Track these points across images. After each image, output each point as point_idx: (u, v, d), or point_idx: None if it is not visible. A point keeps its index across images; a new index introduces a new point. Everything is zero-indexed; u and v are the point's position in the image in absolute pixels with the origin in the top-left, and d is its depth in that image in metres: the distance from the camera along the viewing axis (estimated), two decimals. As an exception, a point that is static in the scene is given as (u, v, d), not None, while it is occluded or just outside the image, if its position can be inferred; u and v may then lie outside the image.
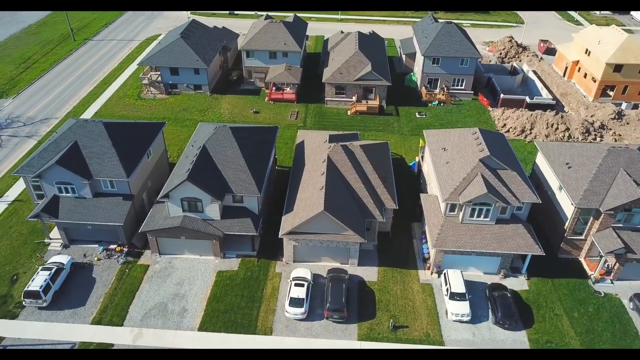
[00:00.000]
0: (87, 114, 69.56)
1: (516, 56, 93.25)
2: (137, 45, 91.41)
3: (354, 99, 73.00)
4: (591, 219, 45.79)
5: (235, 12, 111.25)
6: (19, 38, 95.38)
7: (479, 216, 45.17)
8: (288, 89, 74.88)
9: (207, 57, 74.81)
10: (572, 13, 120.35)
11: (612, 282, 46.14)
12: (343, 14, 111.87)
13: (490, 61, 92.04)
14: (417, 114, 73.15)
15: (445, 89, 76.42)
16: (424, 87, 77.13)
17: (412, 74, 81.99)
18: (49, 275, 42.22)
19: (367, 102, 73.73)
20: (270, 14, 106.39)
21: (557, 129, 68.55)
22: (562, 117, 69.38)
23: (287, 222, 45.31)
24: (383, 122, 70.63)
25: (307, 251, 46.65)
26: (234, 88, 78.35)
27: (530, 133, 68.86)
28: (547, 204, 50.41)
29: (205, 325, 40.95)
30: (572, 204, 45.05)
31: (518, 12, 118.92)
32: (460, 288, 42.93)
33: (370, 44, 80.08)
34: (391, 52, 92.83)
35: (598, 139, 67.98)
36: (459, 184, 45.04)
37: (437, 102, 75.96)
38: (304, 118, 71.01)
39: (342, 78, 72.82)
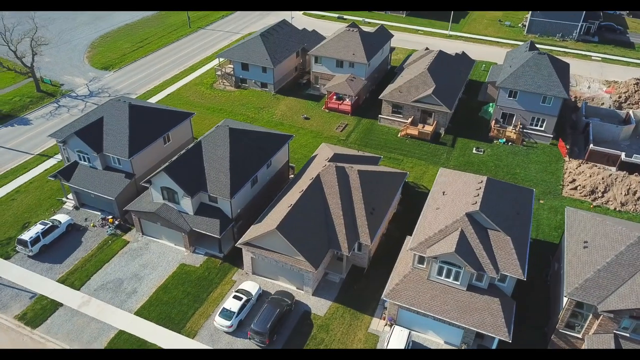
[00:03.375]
0: (160, 95, 76.41)
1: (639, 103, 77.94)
2: (236, 39, 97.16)
3: (409, 120, 68.36)
4: (590, 316, 36.74)
5: (344, 16, 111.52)
6: (148, 20, 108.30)
7: (447, 277, 39.33)
8: (347, 99, 73.08)
9: (278, 58, 76.51)
10: None
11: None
12: (452, 30, 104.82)
13: (602, 104, 78.39)
14: (474, 149, 65.76)
15: (519, 127, 67.29)
16: (494, 121, 68.88)
17: (490, 104, 73.78)
18: (41, 229, 47.78)
19: (423, 126, 68.51)
20: (356, 19, 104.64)
21: (639, 198, 56.02)
22: (649, 185, 56.45)
23: (250, 233, 44.67)
24: (431, 151, 65.00)
25: (265, 266, 45.47)
26: (299, 91, 78.99)
27: (602, 196, 57.31)
28: (558, 285, 41.76)
29: (142, 311, 42.61)
30: (565, 293, 36.64)
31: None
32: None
33: (449, 65, 74.05)
34: (484, 78, 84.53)
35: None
36: (434, 235, 39.66)
37: (504, 139, 67.30)
38: (349, 132, 68.74)
39: (400, 97, 68.66)
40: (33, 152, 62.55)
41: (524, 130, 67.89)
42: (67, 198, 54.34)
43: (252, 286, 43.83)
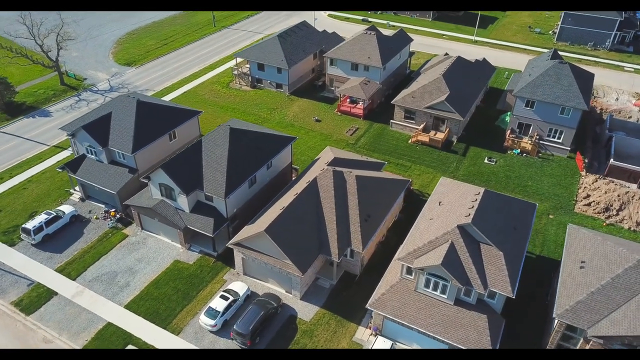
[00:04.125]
0: (177, 93, 77.65)
1: (670, 117, 74.09)
2: (258, 39, 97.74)
3: (421, 127, 67.09)
4: (581, 340, 35.00)
5: (369, 19, 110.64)
6: (175, 18, 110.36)
7: (434, 289, 38.27)
8: (360, 103, 72.37)
9: (293, 59, 76.52)
10: None
11: None
12: (479, 35, 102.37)
13: (629, 117, 74.90)
14: (486, 158, 63.90)
15: (535, 138, 64.98)
16: (509, 131, 66.76)
17: (508, 113, 71.56)
18: (45, 219, 49.24)
19: (435, 133, 67.10)
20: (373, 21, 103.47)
21: (657, 218, 53.18)
22: (668, 204, 53.49)
23: (241, 233, 44.70)
24: (441, 159, 63.57)
25: (255, 268, 45.41)
26: (314, 93, 78.75)
27: (617, 214, 54.67)
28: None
29: (132, 305, 43.26)
30: (555, 314, 35.02)
31: None
32: (376, 362, 37.20)
33: (467, 72, 72.32)
34: (506, 86, 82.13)
35: None
36: (423, 245, 38.70)
37: (518, 150, 65.12)
38: (359, 136, 68.02)
39: (412, 103, 67.49)
40: (49, 143, 64.60)
41: (540, 142, 65.53)
42: (75, 190, 55.82)
43: (240, 287, 43.84)
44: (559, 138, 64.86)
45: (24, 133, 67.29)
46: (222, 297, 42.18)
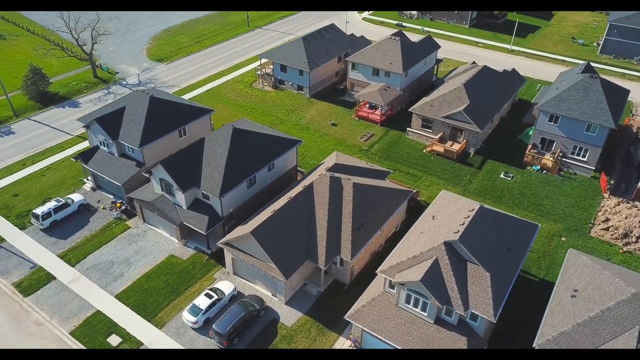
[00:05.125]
0: (200, 90, 79.16)
1: None
2: (289, 39, 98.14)
3: (437, 136, 65.28)
4: (563, 374, 32.84)
5: (404, 23, 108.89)
6: (211, 17, 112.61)
7: (415, 306, 37.07)
8: (379, 109, 71.28)
9: (316, 61, 76.34)
10: None
11: None
12: (516, 45, 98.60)
13: (668, 138, 70.01)
14: (503, 173, 61.36)
15: (558, 155, 61.82)
16: (530, 146, 63.81)
17: (532, 128, 68.41)
18: (54, 206, 51.35)
19: (452, 144, 65.10)
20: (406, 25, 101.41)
21: (680, 248, 49.36)
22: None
23: (232, 233, 44.90)
24: (455, 171, 61.61)
25: (244, 269, 45.51)
26: (335, 97, 78.25)
27: (636, 242, 51.14)
28: (545, 332, 37.81)
29: (122, 296, 44.36)
30: (535, 344, 33.07)
31: None
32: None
33: (492, 82, 69.81)
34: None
35: None
36: (407, 260, 37.61)
37: (538, 167, 62.14)
38: (374, 142, 66.96)
39: (430, 111, 65.80)
40: (73, 133, 67.34)
41: (563, 159, 62.27)
42: (87, 180, 57.89)
43: (227, 286, 44.07)
44: (583, 156, 61.41)
45: (51, 122, 70.54)
46: (207, 295, 42.55)
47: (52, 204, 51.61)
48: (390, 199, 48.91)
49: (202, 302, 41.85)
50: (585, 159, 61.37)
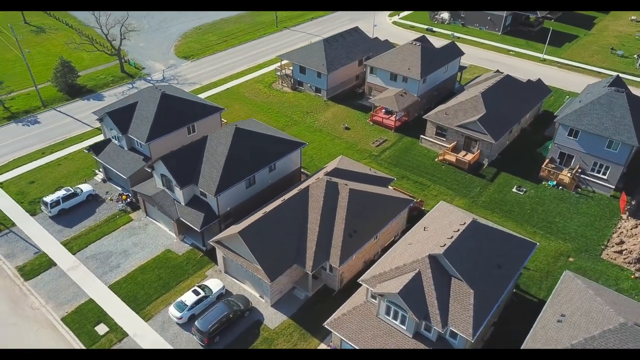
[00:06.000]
0: (220, 88, 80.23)
1: None
2: (314, 41, 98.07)
3: (451, 145, 63.62)
4: (541, 402, 31.22)
5: (434, 28, 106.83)
6: (241, 17, 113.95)
7: (394, 318, 36.21)
8: (394, 115, 70.19)
9: (335, 64, 75.97)
10: None
11: None
12: (549, 54, 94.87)
13: None
14: (515, 187, 59.14)
15: (576, 171, 59.04)
16: (548, 160, 61.20)
17: (552, 141, 65.65)
18: (63, 195, 53.23)
19: (465, 154, 63.29)
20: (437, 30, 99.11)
21: (698, 278, 46.11)
22: None
23: (225, 232, 45.19)
24: (465, 182, 59.87)
25: (234, 268, 45.74)
26: (352, 100, 77.61)
27: (651, 267, 48.18)
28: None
29: (115, 286, 45.46)
30: (514, 366, 31.60)
31: None
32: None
33: (513, 92, 67.50)
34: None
35: None
36: (390, 270, 36.78)
37: (554, 182, 59.52)
38: (385, 148, 65.96)
39: (445, 119, 64.23)
40: (93, 125, 69.59)
41: (582, 176, 59.41)
42: (99, 171, 59.69)
43: (215, 284, 44.39)
44: (603, 174, 58.40)
45: (75, 114, 73.20)
46: (194, 291, 43.00)
47: (61, 193, 53.50)
48: (388, 207, 47.99)
49: (188, 298, 42.32)
50: (605, 177, 58.34)
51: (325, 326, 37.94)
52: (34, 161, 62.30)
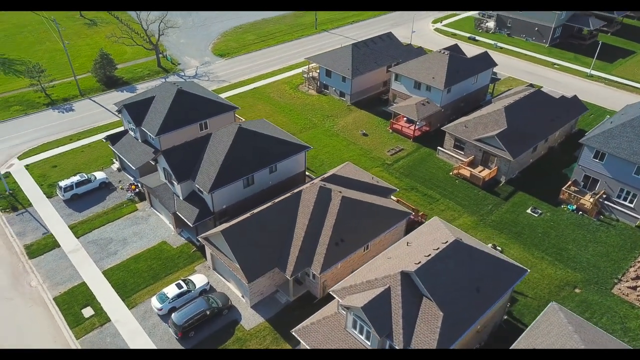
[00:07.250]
0: (246, 88, 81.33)
1: None
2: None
3: (467, 159, 61.16)
4: None
5: (477, 37, 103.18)
6: (283, 17, 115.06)
7: (360, 333, 35.24)
8: (414, 125, 68.39)
9: (360, 69, 75.07)
10: None
11: None
12: (598, 69, 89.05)
13: None
14: (531, 208, 55.94)
15: (600, 196, 55.06)
16: (570, 183, 57.43)
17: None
18: (77, 180, 55.85)
19: (482, 169, 60.63)
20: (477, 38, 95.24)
21: None
22: None
23: (214, 230, 45.63)
24: (477, 199, 57.35)
25: (221, 265, 46.14)
26: (376, 106, 76.38)
27: (666, 308, 44.06)
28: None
29: (108, 272, 47.10)
30: (471, 398, 29.81)
31: None
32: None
33: (542, 108, 64.02)
34: (600, 130, 70.55)
35: None
36: (361, 283, 35.90)
37: (574, 206, 55.77)
38: (400, 158, 64.37)
39: (463, 132, 61.82)
40: (120, 116, 72.45)
41: (605, 202, 55.33)
42: (115, 160, 62.15)
43: (200, 279, 44.98)
44: (630, 202, 54.12)
45: (107, 104, 76.64)
46: (177, 285, 43.78)
47: (75, 179, 56.14)
48: (382, 218, 46.77)
49: (170, 291, 43.15)
50: (632, 206, 54.02)
51: (293, 333, 37.47)
52: (61, 146, 65.81)
